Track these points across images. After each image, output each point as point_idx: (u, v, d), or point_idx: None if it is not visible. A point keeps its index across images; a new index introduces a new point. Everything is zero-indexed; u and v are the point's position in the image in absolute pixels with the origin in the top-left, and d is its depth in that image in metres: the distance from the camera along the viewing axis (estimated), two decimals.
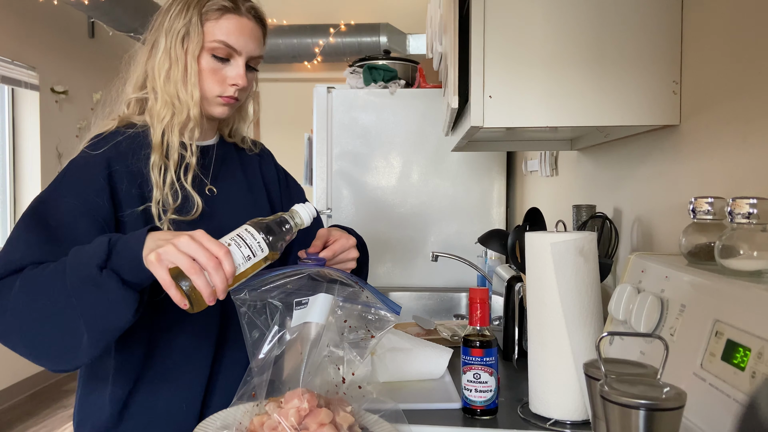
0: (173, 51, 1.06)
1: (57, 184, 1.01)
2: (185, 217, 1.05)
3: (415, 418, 0.96)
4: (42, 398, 4.05)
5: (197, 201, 1.07)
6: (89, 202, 0.98)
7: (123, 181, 1.03)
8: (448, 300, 2.50)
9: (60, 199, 0.98)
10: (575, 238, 0.92)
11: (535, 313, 0.96)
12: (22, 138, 4.30)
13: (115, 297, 0.84)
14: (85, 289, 0.84)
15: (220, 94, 1.09)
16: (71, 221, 0.96)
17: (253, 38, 1.10)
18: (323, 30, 4.51)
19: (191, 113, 1.07)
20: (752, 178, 0.85)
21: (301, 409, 0.79)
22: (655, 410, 0.57)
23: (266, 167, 1.28)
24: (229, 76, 1.08)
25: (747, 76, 0.87)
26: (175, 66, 1.06)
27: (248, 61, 1.10)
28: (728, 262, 0.73)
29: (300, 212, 0.93)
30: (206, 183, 1.13)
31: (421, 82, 2.88)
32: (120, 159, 1.04)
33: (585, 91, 1.07)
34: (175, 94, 1.07)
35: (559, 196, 1.95)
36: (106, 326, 0.85)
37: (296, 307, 0.92)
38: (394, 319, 0.90)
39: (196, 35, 1.06)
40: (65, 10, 4.49)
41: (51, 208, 0.98)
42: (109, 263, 0.84)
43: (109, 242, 0.85)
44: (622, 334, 0.71)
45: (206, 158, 1.15)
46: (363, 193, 2.78)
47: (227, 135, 1.24)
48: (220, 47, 1.06)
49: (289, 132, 4.86)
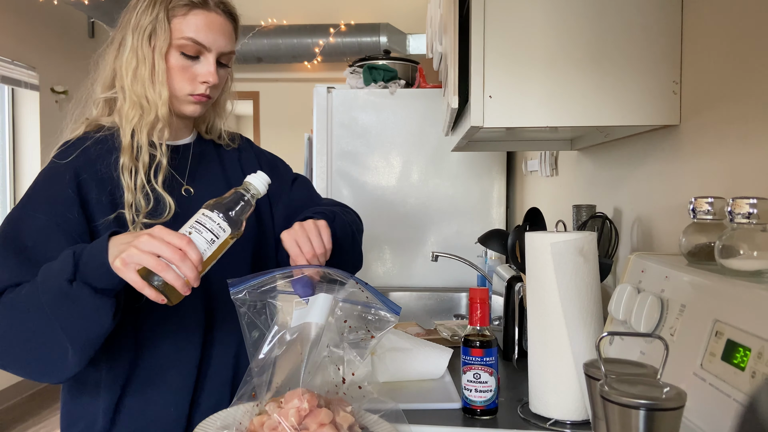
0: (140, 49, 1.03)
1: (26, 200, 1.00)
2: (157, 220, 1.02)
3: (415, 418, 0.96)
4: (42, 398, 4.05)
5: (169, 202, 1.04)
6: (59, 217, 0.97)
7: (93, 190, 1.01)
8: (448, 300, 2.50)
9: (31, 217, 0.97)
10: (575, 238, 0.92)
11: (535, 313, 0.96)
12: (22, 138, 4.30)
13: (90, 307, 0.85)
14: (59, 304, 0.85)
15: (191, 92, 1.06)
16: (44, 239, 0.95)
17: (222, 34, 1.06)
18: (323, 30, 4.51)
19: (159, 113, 1.04)
20: (752, 178, 0.85)
21: (302, 409, 0.79)
22: (655, 410, 0.57)
23: (245, 161, 1.24)
24: (200, 74, 1.05)
25: (747, 76, 0.87)
26: (142, 64, 1.03)
27: (219, 57, 1.07)
28: (728, 262, 0.73)
29: (253, 182, 0.92)
30: (182, 183, 1.11)
31: (421, 82, 2.88)
32: (88, 166, 1.02)
33: (585, 91, 1.07)
34: (142, 94, 1.04)
35: (559, 196, 1.95)
36: (87, 336, 0.87)
37: (296, 308, 0.92)
38: (394, 319, 0.90)
39: (163, 32, 1.02)
40: (65, 10, 4.50)
41: (24, 228, 0.96)
42: (78, 275, 0.85)
43: (74, 255, 0.86)
44: (622, 334, 0.71)
45: (181, 158, 1.13)
46: (363, 193, 2.78)
47: (204, 132, 1.21)
48: (188, 44, 1.03)
49: (289, 132, 4.86)
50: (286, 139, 4.85)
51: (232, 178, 1.19)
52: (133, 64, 1.04)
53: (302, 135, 3.79)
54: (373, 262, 2.78)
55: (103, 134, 1.05)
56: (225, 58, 1.09)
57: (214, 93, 1.10)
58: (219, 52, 1.07)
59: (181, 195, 1.09)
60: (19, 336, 0.88)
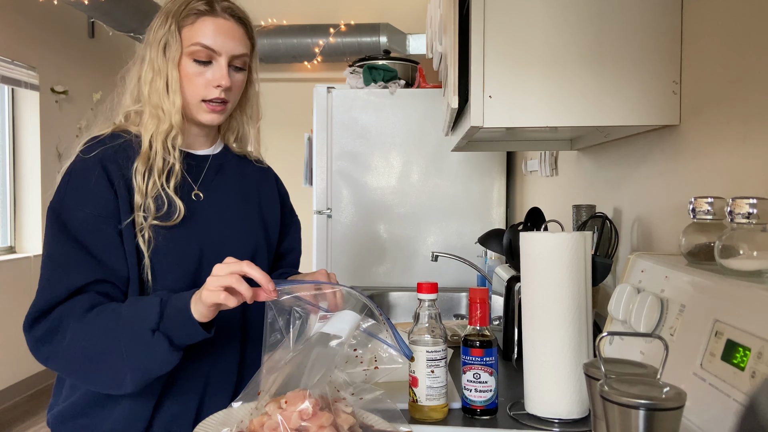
0: (156, 62, 1.08)
1: (63, 194, 1.03)
2: (166, 222, 1.06)
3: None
4: (42, 398, 4.05)
5: (179, 206, 1.07)
6: (102, 207, 1.02)
7: (120, 185, 1.04)
8: (448, 300, 2.50)
9: (76, 210, 1.01)
10: (567, 238, 0.92)
11: (528, 312, 0.96)
12: (22, 138, 4.30)
13: (161, 357, 0.93)
14: (135, 346, 0.93)
15: (204, 97, 1.09)
16: (94, 231, 1.01)
17: (231, 37, 1.09)
18: (323, 30, 4.51)
19: (173, 120, 1.08)
20: (752, 178, 0.85)
21: (303, 412, 0.79)
22: (655, 410, 0.57)
23: (267, 183, 1.29)
24: (212, 78, 1.08)
25: (747, 77, 0.87)
26: (158, 77, 1.08)
27: (231, 60, 1.10)
28: (728, 262, 0.73)
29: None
30: (193, 188, 1.14)
31: (421, 82, 2.88)
32: (112, 162, 1.05)
33: (585, 91, 1.07)
34: (158, 105, 1.08)
35: (559, 196, 1.95)
36: (149, 375, 0.96)
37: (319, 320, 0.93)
38: (402, 362, 0.91)
39: (174, 42, 1.07)
40: (65, 10, 4.49)
41: (71, 222, 1.00)
42: (161, 325, 0.93)
43: (161, 303, 0.93)
44: (622, 334, 0.71)
45: (197, 166, 1.15)
46: (363, 193, 2.78)
47: (233, 142, 1.24)
48: (198, 50, 1.07)
49: (289, 132, 4.86)
50: (286, 139, 4.85)
51: (249, 194, 1.23)
52: (150, 76, 1.09)
53: (302, 135, 3.79)
54: (373, 262, 2.78)
55: (127, 139, 1.09)
56: (238, 60, 1.11)
57: (231, 97, 1.12)
58: (230, 55, 1.09)
59: (191, 199, 1.12)
60: (87, 357, 0.95)
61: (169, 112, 1.07)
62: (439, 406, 0.97)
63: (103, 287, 1.01)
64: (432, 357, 0.96)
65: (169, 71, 1.07)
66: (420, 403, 0.96)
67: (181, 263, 1.07)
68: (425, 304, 0.98)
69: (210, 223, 1.13)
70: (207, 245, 1.11)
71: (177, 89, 1.08)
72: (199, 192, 1.14)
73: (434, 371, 0.96)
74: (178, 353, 0.94)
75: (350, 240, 2.80)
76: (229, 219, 1.16)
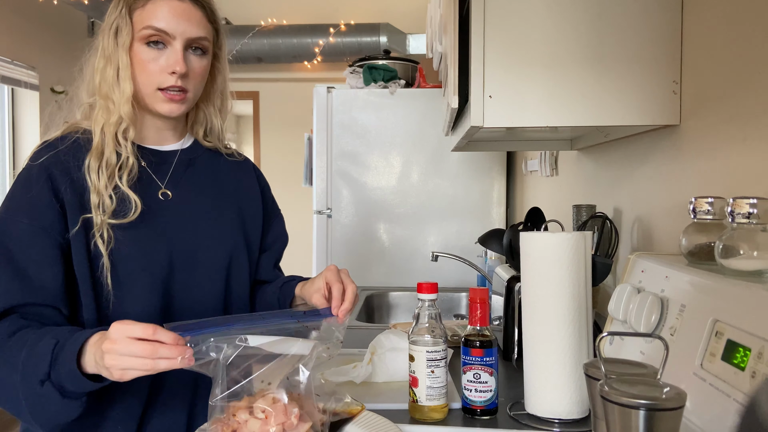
0: (108, 49, 1.01)
1: (7, 203, 0.97)
2: (122, 220, 0.98)
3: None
4: None
5: (135, 201, 0.99)
6: (42, 220, 0.95)
7: (66, 192, 0.97)
8: (448, 300, 2.50)
9: (13, 223, 0.95)
10: (567, 238, 0.92)
11: (529, 312, 0.96)
12: (22, 138, 4.30)
13: (56, 409, 0.85)
14: (29, 395, 0.85)
15: (159, 86, 1.01)
16: (30, 244, 0.94)
17: (187, 19, 1.01)
18: (323, 30, 4.51)
19: (122, 111, 1.00)
20: (752, 178, 0.85)
21: (287, 424, 0.78)
22: (655, 410, 0.57)
23: (244, 175, 1.21)
24: (166, 64, 1.00)
25: (747, 76, 0.87)
26: (108, 64, 1.01)
27: (190, 44, 1.02)
28: (728, 262, 0.73)
29: None
30: (160, 186, 1.07)
31: (421, 82, 2.88)
32: (60, 167, 0.98)
33: (585, 91, 1.07)
34: (108, 95, 1.01)
35: (559, 196, 1.95)
36: (54, 421, 0.87)
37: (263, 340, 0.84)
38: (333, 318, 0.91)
39: (125, 26, 0.99)
40: (65, 10, 4.49)
41: (7, 235, 0.94)
42: (52, 374, 0.84)
43: (53, 349, 0.84)
44: (622, 334, 0.71)
45: (163, 163, 1.09)
46: (363, 193, 2.78)
47: (203, 135, 1.16)
48: (150, 33, 0.99)
49: (289, 132, 4.85)
50: (286, 139, 4.85)
51: (223, 191, 1.15)
52: (101, 64, 1.02)
53: (302, 135, 3.79)
54: (373, 262, 2.78)
55: (77, 137, 1.02)
56: (198, 43, 1.03)
57: (190, 85, 1.03)
58: (185, 38, 1.01)
59: (158, 198, 1.05)
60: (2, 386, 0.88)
61: (119, 103, 1.00)
62: (439, 406, 0.97)
63: (32, 309, 0.93)
64: (432, 357, 0.96)
65: (120, 57, 0.99)
66: (420, 403, 0.96)
67: (149, 268, 1.00)
68: (425, 304, 0.98)
69: (180, 223, 1.06)
70: (178, 247, 1.04)
71: (127, 77, 0.99)
72: (166, 190, 1.07)
73: (434, 371, 0.96)
74: (78, 401, 0.86)
75: (350, 240, 2.80)
76: (202, 218, 1.09)
